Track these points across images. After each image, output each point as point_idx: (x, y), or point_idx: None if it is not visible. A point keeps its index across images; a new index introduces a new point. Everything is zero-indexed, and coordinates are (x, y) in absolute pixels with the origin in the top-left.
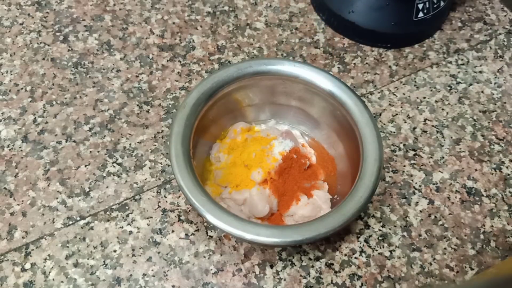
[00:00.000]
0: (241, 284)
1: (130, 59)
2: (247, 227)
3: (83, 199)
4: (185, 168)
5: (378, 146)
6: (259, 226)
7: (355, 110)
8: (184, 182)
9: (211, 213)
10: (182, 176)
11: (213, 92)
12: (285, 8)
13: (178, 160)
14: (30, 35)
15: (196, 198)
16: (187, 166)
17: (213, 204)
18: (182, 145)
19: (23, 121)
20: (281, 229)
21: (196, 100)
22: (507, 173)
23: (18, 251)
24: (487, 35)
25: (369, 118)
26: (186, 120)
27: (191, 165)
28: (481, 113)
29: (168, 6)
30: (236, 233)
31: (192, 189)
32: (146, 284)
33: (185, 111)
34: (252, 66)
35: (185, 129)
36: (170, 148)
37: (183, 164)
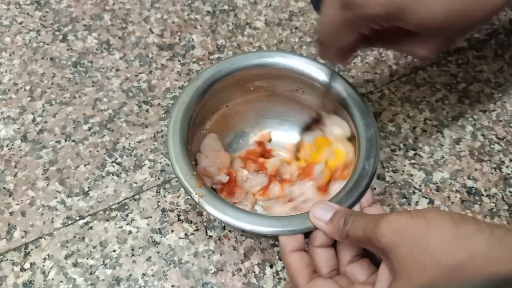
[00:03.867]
0: (241, 284)
1: (130, 59)
2: (248, 218)
3: (83, 199)
4: (179, 139)
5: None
6: (259, 216)
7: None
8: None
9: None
10: (174, 147)
11: (230, 72)
12: (285, 7)
13: (174, 133)
14: (29, 35)
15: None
16: (181, 137)
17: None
18: (183, 114)
19: (22, 120)
20: (279, 219)
21: (211, 75)
22: (507, 173)
23: (18, 250)
24: (487, 35)
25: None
26: (195, 91)
27: (186, 138)
28: (481, 112)
29: (168, 5)
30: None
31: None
32: (145, 284)
33: (197, 83)
34: (274, 56)
35: (191, 99)
36: (170, 116)
37: (178, 136)
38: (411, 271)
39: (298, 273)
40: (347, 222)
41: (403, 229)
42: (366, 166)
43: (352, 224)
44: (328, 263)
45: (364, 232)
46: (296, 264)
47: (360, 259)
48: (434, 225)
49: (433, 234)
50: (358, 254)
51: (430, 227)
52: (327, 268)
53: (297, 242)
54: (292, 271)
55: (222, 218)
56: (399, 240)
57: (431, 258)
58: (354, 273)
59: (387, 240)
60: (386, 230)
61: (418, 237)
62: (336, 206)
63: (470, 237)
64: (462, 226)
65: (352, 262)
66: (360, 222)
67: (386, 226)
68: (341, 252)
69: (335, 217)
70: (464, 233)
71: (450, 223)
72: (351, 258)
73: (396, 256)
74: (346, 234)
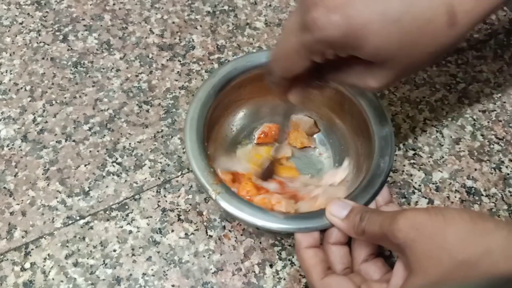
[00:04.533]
0: (241, 283)
1: (130, 59)
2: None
3: (83, 199)
4: (196, 129)
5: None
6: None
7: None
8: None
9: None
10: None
11: (246, 70)
12: (285, 7)
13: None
14: (30, 35)
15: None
16: (198, 129)
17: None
18: (200, 111)
19: (23, 120)
20: (292, 217)
21: (227, 73)
22: (506, 173)
23: (18, 250)
24: (486, 35)
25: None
26: (212, 88)
27: (202, 128)
28: (480, 112)
29: (168, 5)
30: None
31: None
32: (146, 283)
33: (213, 81)
34: None
35: (207, 96)
36: (188, 112)
37: (195, 128)
38: (428, 266)
39: (312, 269)
40: (363, 219)
41: (420, 224)
42: (382, 164)
43: (368, 221)
44: (342, 260)
45: (380, 228)
46: (311, 260)
47: (374, 258)
48: (452, 222)
49: (451, 230)
50: (372, 253)
51: (448, 223)
52: (341, 265)
53: (312, 238)
54: (306, 267)
55: (238, 215)
56: (416, 235)
57: (448, 254)
58: (368, 271)
59: (404, 236)
60: (403, 226)
61: (435, 233)
62: (352, 203)
63: (488, 234)
64: (480, 223)
65: (366, 261)
66: (377, 218)
67: (403, 221)
68: (355, 250)
69: (351, 214)
70: (482, 230)
71: (468, 220)
72: (366, 256)
73: (412, 252)
74: (362, 230)
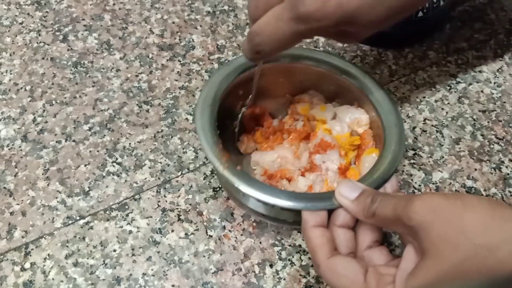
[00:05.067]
0: (241, 283)
1: (130, 59)
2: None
3: (83, 199)
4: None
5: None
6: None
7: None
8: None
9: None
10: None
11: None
12: None
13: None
14: (30, 35)
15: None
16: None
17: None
18: (214, 93)
19: (23, 120)
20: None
21: (242, 63)
22: (506, 173)
23: (18, 250)
24: (486, 35)
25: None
26: (226, 75)
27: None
28: (480, 112)
29: (168, 5)
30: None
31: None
32: (145, 283)
33: (228, 68)
34: (305, 52)
35: (222, 80)
36: (199, 98)
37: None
38: (443, 250)
39: (319, 248)
40: (375, 201)
41: (437, 208)
42: (394, 148)
43: (381, 203)
44: (347, 244)
45: (393, 210)
46: (318, 240)
47: (379, 246)
48: (471, 206)
49: (469, 215)
50: (377, 240)
51: (467, 208)
52: (346, 249)
53: (319, 217)
54: (312, 246)
55: (246, 191)
56: (433, 218)
57: (465, 238)
58: (372, 258)
59: (419, 218)
60: (420, 208)
61: (453, 216)
62: (363, 186)
63: (506, 220)
64: (500, 209)
65: (371, 248)
66: (390, 200)
67: (420, 203)
68: (360, 236)
69: (362, 196)
70: (502, 216)
71: (487, 206)
72: (370, 243)
73: (427, 235)
74: (372, 212)
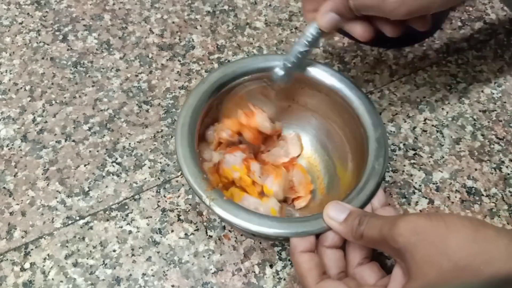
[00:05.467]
0: (241, 283)
1: (130, 59)
2: (255, 219)
3: (83, 199)
4: (187, 138)
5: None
6: (267, 218)
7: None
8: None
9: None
10: (182, 147)
11: (236, 76)
12: (284, 7)
13: (183, 131)
14: (30, 35)
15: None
16: (189, 136)
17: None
18: (190, 117)
19: (23, 120)
20: (288, 221)
21: (217, 79)
22: (507, 173)
23: (18, 250)
24: (487, 35)
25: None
26: (202, 94)
27: (192, 137)
28: (481, 112)
29: (168, 5)
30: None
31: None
32: (145, 283)
33: (203, 86)
34: (279, 59)
35: (198, 102)
36: (178, 118)
37: (186, 135)
38: (428, 272)
39: (308, 273)
40: (362, 223)
41: (421, 230)
42: (376, 165)
43: (368, 225)
44: (337, 264)
45: (380, 232)
46: (306, 264)
47: (369, 262)
48: (454, 228)
49: (452, 237)
50: (367, 257)
51: (449, 229)
52: (336, 269)
53: (308, 243)
54: (301, 271)
55: (234, 221)
56: (417, 240)
57: (448, 260)
58: (363, 275)
59: (404, 240)
60: (404, 230)
61: (437, 238)
62: (350, 207)
63: (489, 242)
64: (482, 230)
65: (361, 265)
66: (376, 222)
67: (404, 226)
68: (350, 254)
69: (350, 218)
70: (484, 237)
71: (469, 227)
72: (361, 260)
73: (412, 257)
74: (360, 234)
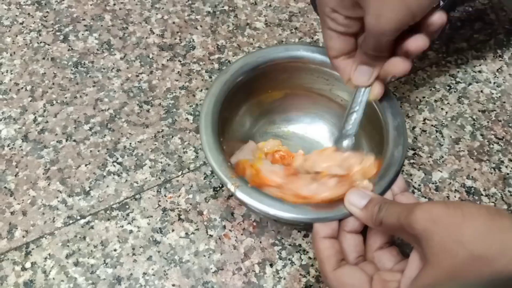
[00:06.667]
0: (241, 283)
1: (130, 59)
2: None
3: (84, 198)
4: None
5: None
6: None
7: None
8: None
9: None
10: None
11: (257, 65)
12: (284, 8)
13: (206, 119)
14: (30, 35)
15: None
16: (213, 125)
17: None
18: (214, 106)
19: (24, 120)
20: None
21: (239, 68)
22: (506, 173)
23: (19, 250)
24: (486, 35)
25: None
26: (224, 84)
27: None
28: (480, 112)
29: (168, 5)
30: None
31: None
32: (146, 283)
33: (225, 76)
34: (300, 50)
35: (220, 92)
36: (202, 109)
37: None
38: (443, 260)
39: (326, 260)
40: (381, 209)
41: (438, 217)
42: (396, 153)
43: (386, 212)
44: (356, 248)
45: (398, 219)
46: (326, 251)
47: (389, 247)
48: (470, 216)
49: (468, 225)
50: (388, 242)
51: (466, 218)
52: (355, 253)
53: (330, 229)
54: (321, 257)
55: (260, 208)
56: (433, 228)
57: (463, 248)
58: (382, 259)
59: (421, 227)
60: (421, 217)
61: (453, 226)
62: (371, 194)
63: (504, 231)
64: (498, 219)
65: (381, 249)
66: (394, 209)
67: (421, 213)
68: (371, 238)
69: (370, 204)
70: (499, 226)
71: (486, 216)
72: (381, 244)
73: (428, 244)
74: (379, 221)
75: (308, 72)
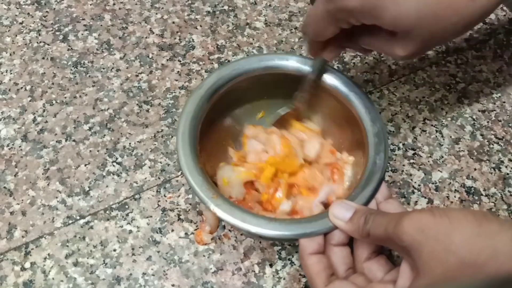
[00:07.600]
0: (241, 283)
1: (130, 59)
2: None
3: (83, 198)
4: (189, 146)
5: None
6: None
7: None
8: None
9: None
10: (185, 155)
11: (231, 78)
12: (284, 7)
13: (184, 141)
14: (30, 35)
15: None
16: (191, 145)
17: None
18: (190, 124)
19: (23, 120)
20: (285, 223)
21: (213, 83)
22: (506, 173)
23: (18, 250)
24: (486, 35)
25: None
26: (200, 100)
27: (194, 143)
28: (480, 112)
29: (168, 5)
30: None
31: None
32: (146, 283)
33: (199, 92)
34: (274, 59)
35: (196, 108)
36: (178, 127)
37: (188, 144)
38: (435, 268)
39: (316, 276)
40: (368, 221)
41: (425, 227)
42: (377, 160)
43: (373, 223)
44: (344, 261)
45: (385, 230)
46: (315, 267)
47: (377, 256)
48: (457, 224)
49: (456, 233)
50: (375, 251)
51: (453, 225)
52: (344, 266)
53: (316, 244)
54: (310, 274)
55: (242, 226)
56: (421, 238)
57: (454, 256)
58: (372, 269)
59: (409, 238)
60: (409, 228)
61: (441, 235)
62: (355, 205)
63: (493, 235)
64: (485, 224)
65: (369, 259)
66: (381, 220)
67: (408, 224)
68: (358, 249)
69: (355, 216)
70: (487, 231)
71: (473, 222)
72: (369, 255)
73: (418, 254)
74: (366, 232)
75: (285, 80)
